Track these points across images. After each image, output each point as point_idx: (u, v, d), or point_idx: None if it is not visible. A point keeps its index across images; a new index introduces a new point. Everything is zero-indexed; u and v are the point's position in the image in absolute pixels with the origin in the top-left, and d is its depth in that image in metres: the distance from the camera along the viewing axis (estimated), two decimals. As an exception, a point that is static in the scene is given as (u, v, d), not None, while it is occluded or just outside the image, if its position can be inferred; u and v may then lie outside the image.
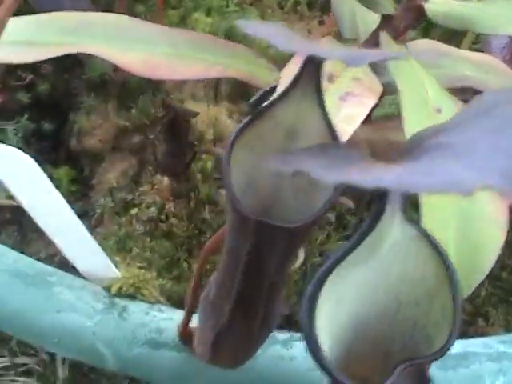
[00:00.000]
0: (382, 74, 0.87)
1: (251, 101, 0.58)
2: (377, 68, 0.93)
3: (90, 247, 0.84)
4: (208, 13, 1.33)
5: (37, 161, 1.16)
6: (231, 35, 1.29)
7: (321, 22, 1.64)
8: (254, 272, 0.64)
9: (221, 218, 1.04)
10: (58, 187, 0.83)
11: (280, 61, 1.27)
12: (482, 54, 1.10)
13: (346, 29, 0.98)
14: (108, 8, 1.24)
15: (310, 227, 0.61)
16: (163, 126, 1.00)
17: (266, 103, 0.57)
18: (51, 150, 1.22)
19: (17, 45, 0.83)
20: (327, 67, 0.77)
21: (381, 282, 0.58)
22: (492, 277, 1.13)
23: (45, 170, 0.82)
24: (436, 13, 0.90)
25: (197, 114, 1.03)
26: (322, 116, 0.56)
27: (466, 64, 1.05)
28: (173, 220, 1.04)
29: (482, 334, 1.07)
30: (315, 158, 0.46)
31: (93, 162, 1.19)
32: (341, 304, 0.56)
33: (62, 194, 0.83)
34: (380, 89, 0.81)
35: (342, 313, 0.57)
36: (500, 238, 0.74)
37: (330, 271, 0.52)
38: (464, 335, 0.97)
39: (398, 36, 0.93)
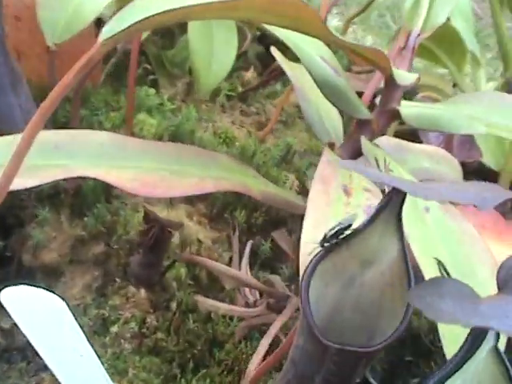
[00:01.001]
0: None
1: (327, 235, 0.59)
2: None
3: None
4: (149, 112, 1.32)
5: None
6: (177, 135, 1.30)
7: (242, 112, 1.69)
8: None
9: (207, 327, 1.02)
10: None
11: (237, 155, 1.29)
12: (431, 146, 1.19)
13: (318, 131, 1.01)
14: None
15: (382, 349, 0.62)
16: (150, 239, 0.97)
17: (344, 235, 0.59)
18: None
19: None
20: (339, 179, 0.80)
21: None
22: None
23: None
24: (409, 115, 0.95)
25: (181, 225, 1.01)
26: (399, 245, 0.58)
27: (423, 157, 1.12)
28: (158, 334, 1.00)
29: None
30: (451, 301, 0.47)
31: (50, 278, 1.13)
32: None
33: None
34: (380, 195, 0.84)
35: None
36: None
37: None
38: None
39: (373, 138, 0.98)
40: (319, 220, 0.72)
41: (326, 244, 0.59)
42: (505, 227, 0.98)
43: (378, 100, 1.02)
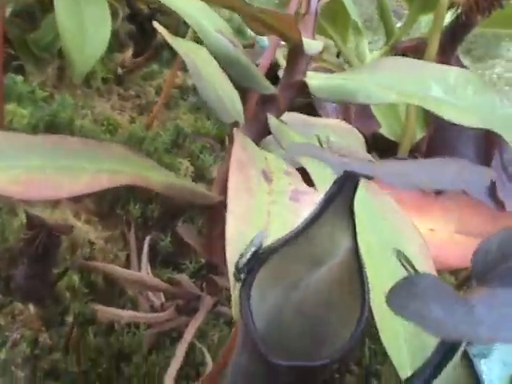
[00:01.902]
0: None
1: (239, 265, 0.49)
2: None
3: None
4: (19, 102, 1.17)
5: None
6: (54, 125, 1.15)
7: (120, 96, 1.56)
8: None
9: (111, 340, 0.91)
10: None
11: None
12: (334, 119, 1.12)
13: (218, 111, 0.91)
14: None
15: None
16: (36, 248, 0.84)
17: (294, 231, 0.49)
18: None
19: None
20: (257, 164, 0.71)
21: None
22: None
23: None
24: (317, 87, 0.87)
25: (72, 227, 0.88)
26: (351, 236, 0.50)
27: (328, 131, 1.05)
28: (55, 355, 0.87)
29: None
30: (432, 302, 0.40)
31: None
32: None
33: None
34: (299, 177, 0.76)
35: None
36: None
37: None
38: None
39: (279, 115, 0.89)
40: (243, 215, 0.62)
41: (241, 275, 0.49)
42: (423, 201, 0.93)
43: (280, 72, 0.94)
